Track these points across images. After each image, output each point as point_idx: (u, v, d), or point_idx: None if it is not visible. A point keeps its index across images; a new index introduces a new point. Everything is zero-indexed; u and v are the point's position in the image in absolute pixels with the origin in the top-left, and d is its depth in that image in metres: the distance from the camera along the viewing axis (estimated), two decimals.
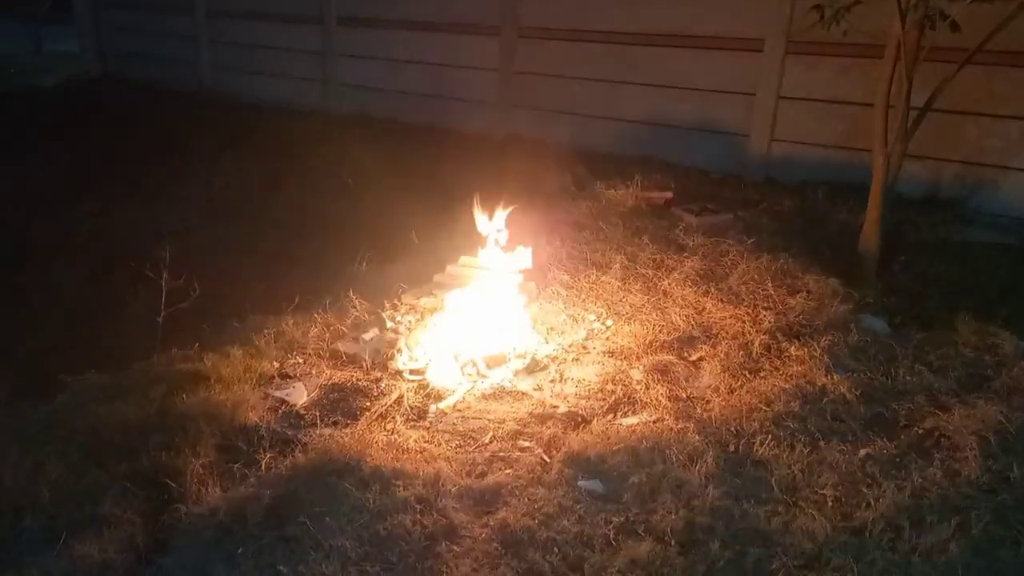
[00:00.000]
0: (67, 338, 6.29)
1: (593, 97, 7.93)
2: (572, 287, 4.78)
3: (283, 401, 3.59)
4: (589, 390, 3.76)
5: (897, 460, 3.03)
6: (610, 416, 3.48)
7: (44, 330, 6.61)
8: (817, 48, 6.37)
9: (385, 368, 3.96)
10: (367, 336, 4.23)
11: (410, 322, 4.46)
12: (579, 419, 3.48)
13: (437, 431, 3.41)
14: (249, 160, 8.45)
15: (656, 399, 3.57)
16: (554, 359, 4.06)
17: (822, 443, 3.13)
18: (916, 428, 3.24)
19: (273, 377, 3.82)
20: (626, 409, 3.55)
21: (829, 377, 3.60)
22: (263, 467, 3.03)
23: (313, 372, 3.90)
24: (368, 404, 3.62)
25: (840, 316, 4.18)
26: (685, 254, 5.07)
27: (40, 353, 5.96)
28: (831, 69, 6.42)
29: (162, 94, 11.96)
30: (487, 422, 3.49)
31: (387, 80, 9.72)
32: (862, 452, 3.07)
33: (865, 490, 2.83)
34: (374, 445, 3.19)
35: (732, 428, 3.29)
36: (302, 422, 3.46)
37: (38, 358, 5.74)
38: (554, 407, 3.61)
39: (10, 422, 3.45)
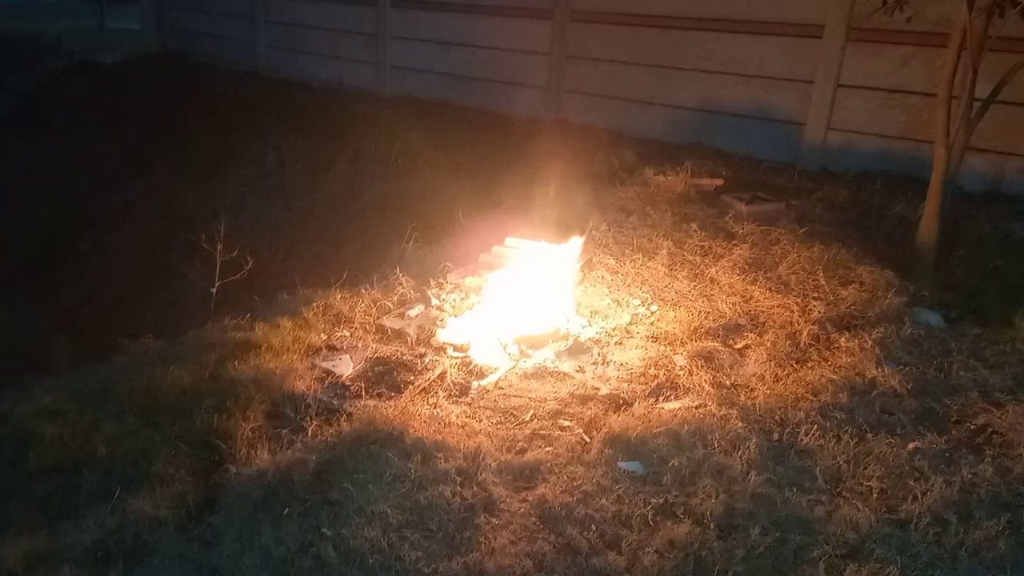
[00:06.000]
0: (126, 305, 6.51)
1: (645, 82, 7.85)
2: (617, 272, 4.76)
3: (330, 372, 3.67)
4: (631, 373, 3.75)
5: (947, 455, 2.97)
6: (652, 400, 3.47)
7: (105, 297, 6.85)
8: (879, 35, 6.18)
9: (429, 344, 4.00)
10: (413, 312, 4.29)
11: (455, 300, 4.50)
12: (620, 401, 3.47)
13: (479, 407, 3.44)
14: (301, 139, 8.59)
15: (699, 385, 3.55)
16: (597, 342, 4.06)
17: (870, 435, 3.08)
18: (968, 424, 3.17)
19: (320, 348, 3.90)
20: (668, 394, 3.53)
21: (880, 370, 3.53)
22: (309, 434, 3.12)
23: (359, 345, 3.97)
24: (412, 378, 3.67)
25: (894, 308, 4.09)
26: (734, 242, 5.01)
27: (100, 318, 6.19)
28: (893, 57, 6.23)
29: (219, 72, 12.20)
30: (528, 400, 3.51)
31: (438, 63, 9.75)
32: (911, 446, 3.01)
33: (912, 483, 2.78)
34: (417, 418, 3.24)
35: (776, 417, 3.25)
36: (347, 393, 3.53)
37: (99, 323, 5.96)
38: (596, 389, 3.61)
39: (70, 382, 3.60)
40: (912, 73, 6.14)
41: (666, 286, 4.56)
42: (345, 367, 3.72)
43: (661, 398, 3.50)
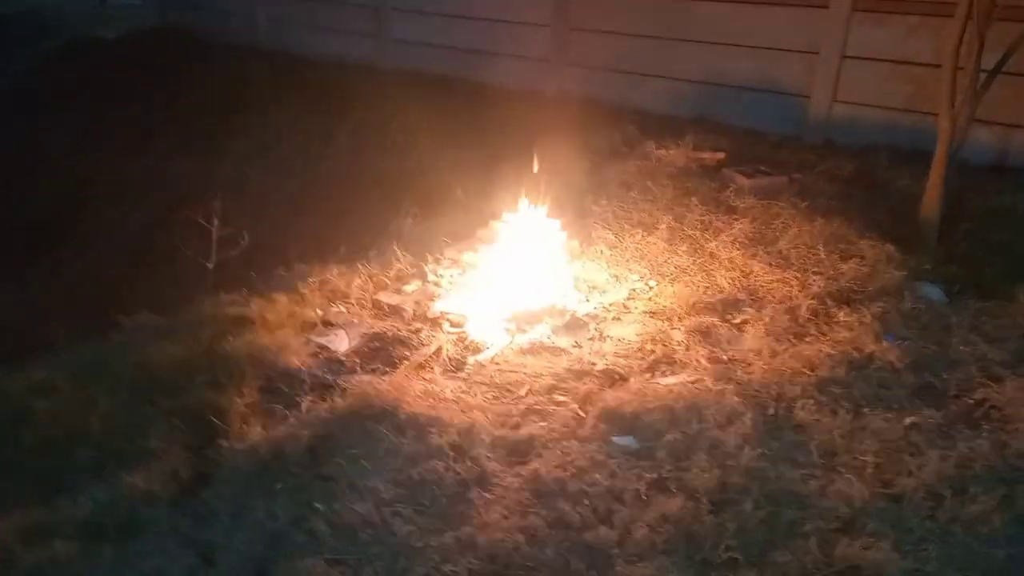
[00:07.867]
0: (125, 281, 6.51)
1: (648, 55, 7.73)
2: (616, 247, 4.72)
3: (325, 347, 3.66)
4: (628, 349, 3.72)
5: (944, 430, 2.94)
6: (648, 375, 3.45)
7: (105, 274, 6.85)
8: (885, 5, 6.07)
9: (425, 320, 3.99)
10: (410, 288, 4.27)
11: (452, 276, 4.48)
12: (616, 377, 3.46)
13: (474, 382, 3.43)
14: (301, 114, 8.52)
15: (696, 360, 3.52)
16: (594, 317, 4.03)
17: (866, 410, 3.06)
18: (966, 398, 3.14)
19: (316, 324, 3.89)
20: (665, 369, 3.52)
21: (878, 344, 3.49)
22: (303, 409, 3.11)
23: (355, 321, 3.96)
24: (407, 354, 3.66)
25: (894, 283, 4.04)
26: (735, 216, 4.95)
27: (100, 295, 6.19)
28: (899, 27, 6.12)
29: (219, 47, 12.06)
30: (524, 376, 3.49)
31: (439, 36, 9.63)
32: (907, 420, 2.98)
33: (908, 458, 2.76)
34: (411, 393, 3.23)
35: (773, 392, 3.23)
36: (342, 368, 3.52)
37: (98, 300, 5.95)
38: (592, 364, 3.59)
39: (66, 359, 3.60)
40: (918, 43, 6.03)
41: (665, 261, 4.52)
42: (341, 343, 3.71)
43: (657, 373, 3.48)
